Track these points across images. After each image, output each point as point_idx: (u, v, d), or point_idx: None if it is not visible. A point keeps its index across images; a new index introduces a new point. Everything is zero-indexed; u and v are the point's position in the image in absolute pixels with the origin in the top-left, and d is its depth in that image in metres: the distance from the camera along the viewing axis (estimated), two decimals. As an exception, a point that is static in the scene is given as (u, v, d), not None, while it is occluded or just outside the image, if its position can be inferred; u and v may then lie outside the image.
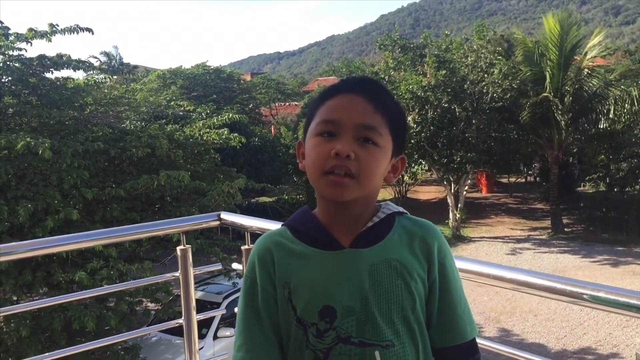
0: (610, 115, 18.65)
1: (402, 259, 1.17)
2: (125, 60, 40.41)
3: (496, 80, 18.42)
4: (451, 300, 1.21)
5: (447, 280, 1.21)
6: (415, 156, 19.65)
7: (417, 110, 18.33)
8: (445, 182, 20.16)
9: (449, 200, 20.13)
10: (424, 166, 22.08)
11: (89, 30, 9.48)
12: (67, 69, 9.55)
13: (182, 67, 26.74)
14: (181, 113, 16.14)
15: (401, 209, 1.25)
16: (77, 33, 9.30)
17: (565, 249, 18.06)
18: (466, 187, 20.76)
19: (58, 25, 9.20)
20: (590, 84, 19.06)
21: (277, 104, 31.48)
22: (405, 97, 17.91)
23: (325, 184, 1.15)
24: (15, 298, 7.83)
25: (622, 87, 18.74)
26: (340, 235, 1.19)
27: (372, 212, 1.22)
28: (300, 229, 1.22)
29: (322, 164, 1.14)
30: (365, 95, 1.17)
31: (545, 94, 18.32)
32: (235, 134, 10.76)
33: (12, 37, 9.03)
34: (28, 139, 7.11)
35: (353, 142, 1.13)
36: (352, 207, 1.18)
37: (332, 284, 1.15)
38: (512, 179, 28.56)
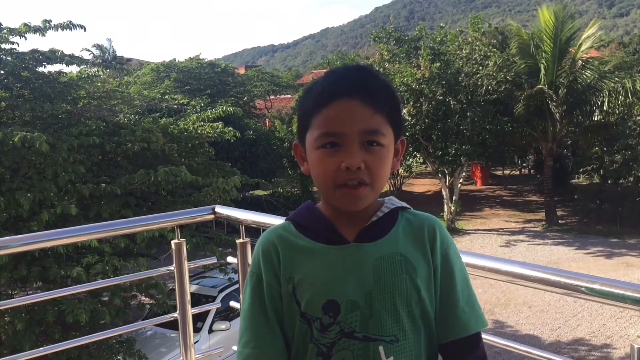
0: (605, 108, 18.67)
1: (406, 253, 1.16)
2: (118, 54, 40.23)
3: (491, 73, 18.43)
4: (453, 291, 1.19)
5: (449, 271, 1.20)
6: (410, 149, 19.64)
7: (411, 103, 18.33)
8: (440, 175, 20.19)
9: (443, 193, 20.17)
10: (419, 159, 22.10)
11: (82, 27, 9.43)
12: (59, 63, 9.49)
13: (176, 60, 26.62)
14: (175, 106, 16.05)
15: (404, 204, 1.25)
16: (71, 30, 9.25)
17: (560, 240, 18.13)
18: (461, 180, 20.78)
19: (51, 21, 9.14)
20: (585, 76, 19.09)
21: (271, 97, 31.42)
22: (400, 89, 17.89)
23: (341, 197, 1.14)
24: (10, 292, 7.82)
25: (616, 79, 18.76)
26: (345, 229, 1.18)
27: (376, 206, 1.21)
28: (304, 224, 1.21)
29: (332, 177, 1.13)
30: (361, 98, 1.12)
31: (539, 86, 18.35)
32: (230, 128, 10.71)
33: (5, 31, 8.95)
34: (25, 132, 7.08)
35: (359, 151, 1.11)
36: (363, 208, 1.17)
37: (336, 278, 1.14)
38: (507, 172, 28.62)
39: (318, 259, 1.16)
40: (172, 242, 2.59)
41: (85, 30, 9.49)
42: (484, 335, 1.88)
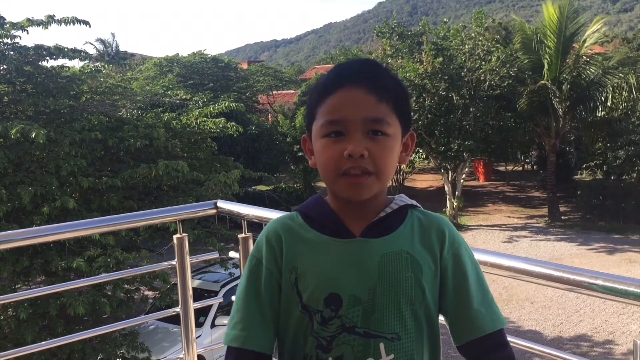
0: (608, 103, 18.63)
1: (413, 251, 1.15)
2: (121, 48, 40.22)
3: (494, 68, 18.39)
4: (466, 292, 1.17)
5: (461, 271, 1.18)
6: (413, 144, 19.62)
7: (414, 98, 18.29)
8: (442, 171, 20.17)
9: (446, 189, 20.15)
10: (422, 154, 22.08)
11: (86, 23, 9.41)
12: (62, 58, 9.48)
13: (179, 55, 26.61)
14: (178, 101, 16.04)
15: (414, 202, 1.23)
16: (74, 24, 9.23)
17: (562, 236, 18.11)
18: (463, 176, 20.77)
19: (55, 16, 9.12)
20: (588, 72, 19.02)
21: (274, 92, 31.40)
22: (403, 85, 17.87)
23: (344, 186, 1.12)
24: (13, 286, 7.85)
25: (620, 74, 18.70)
26: (352, 223, 1.17)
27: (384, 202, 1.20)
28: (312, 216, 1.20)
29: (336, 166, 1.11)
30: (366, 86, 1.11)
31: (543, 82, 18.29)
32: (232, 123, 10.71)
33: (8, 25, 8.95)
34: (22, 125, 7.09)
35: (363, 139, 1.10)
36: (368, 200, 1.15)
37: (340, 272, 1.13)
38: (510, 167, 28.58)
39: (322, 252, 1.15)
40: (174, 237, 2.59)
41: (89, 26, 9.46)
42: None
